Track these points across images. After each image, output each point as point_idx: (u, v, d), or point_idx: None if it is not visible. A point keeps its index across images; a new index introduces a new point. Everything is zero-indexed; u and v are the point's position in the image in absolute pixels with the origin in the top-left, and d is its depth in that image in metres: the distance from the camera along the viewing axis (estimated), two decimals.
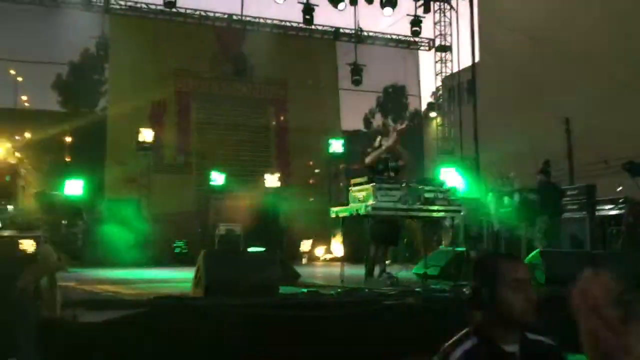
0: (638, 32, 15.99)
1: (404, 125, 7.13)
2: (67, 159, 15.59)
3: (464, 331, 2.09)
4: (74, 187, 13.06)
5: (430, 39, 18.95)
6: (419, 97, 20.47)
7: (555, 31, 18.27)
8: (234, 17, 17.13)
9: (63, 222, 10.08)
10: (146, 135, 14.42)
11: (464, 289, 4.18)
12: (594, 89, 16.78)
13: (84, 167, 14.12)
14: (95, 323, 3.59)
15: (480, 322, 2.06)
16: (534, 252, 5.96)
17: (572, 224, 10.83)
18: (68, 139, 15.63)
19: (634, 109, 15.72)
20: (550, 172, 10.64)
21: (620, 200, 10.82)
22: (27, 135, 14.80)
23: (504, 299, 2.01)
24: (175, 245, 13.20)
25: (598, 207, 10.94)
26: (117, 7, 16.15)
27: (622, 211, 10.58)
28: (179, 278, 7.18)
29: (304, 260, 14.34)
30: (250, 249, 9.29)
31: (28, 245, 9.40)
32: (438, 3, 18.50)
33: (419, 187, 6.24)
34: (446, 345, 2.05)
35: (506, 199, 11.42)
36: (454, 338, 2.07)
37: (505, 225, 10.95)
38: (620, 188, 12.05)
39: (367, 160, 6.97)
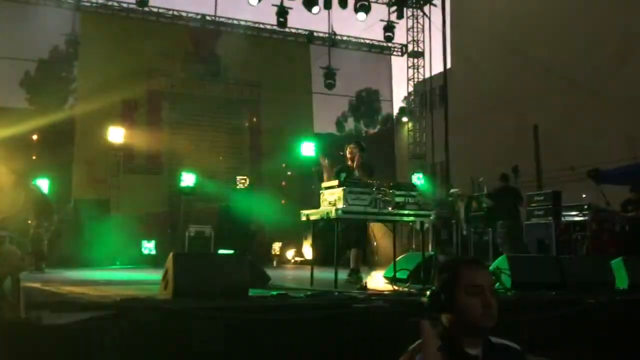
0: (605, 43, 16.38)
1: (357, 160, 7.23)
2: (34, 157, 15.29)
3: None
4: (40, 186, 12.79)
5: (403, 45, 19.13)
6: (391, 102, 20.61)
7: (526, 40, 18.62)
8: (208, 18, 17.04)
9: (29, 222, 9.88)
10: (116, 134, 14.24)
11: (426, 292, 4.22)
12: (562, 97, 17.15)
13: (51, 166, 13.87)
14: (60, 325, 3.52)
15: (445, 326, 2.10)
16: (501, 257, 6.06)
17: (538, 229, 11.04)
18: (35, 137, 15.33)
19: (600, 118, 16.10)
20: (508, 176, 10.87)
21: (585, 207, 11.07)
22: None
23: (461, 304, 2.05)
24: (144, 246, 13.05)
25: (564, 213, 11.16)
26: (88, 4, 15.92)
27: (587, 217, 10.82)
28: (147, 280, 7.11)
29: (275, 263, 14.32)
30: (220, 251, 9.25)
31: None
32: (411, 9, 18.70)
33: (390, 191, 6.29)
34: (411, 347, 2.08)
35: (475, 204, 11.62)
36: (419, 341, 2.11)
37: (474, 230, 11.13)
38: (585, 196, 12.35)
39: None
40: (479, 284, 2.07)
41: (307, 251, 14.57)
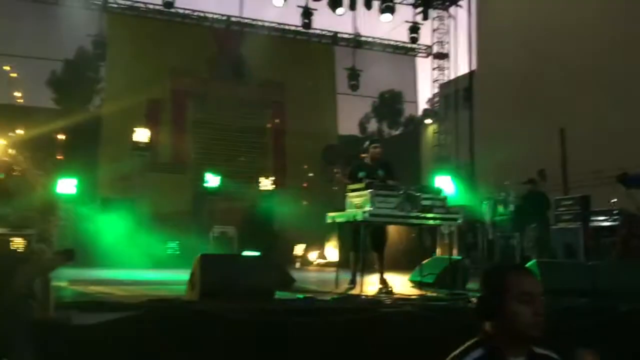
0: (634, 44, 16.06)
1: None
2: (60, 157, 15.47)
3: (472, 341, 2.08)
4: (67, 186, 12.95)
5: (428, 46, 18.99)
6: (416, 103, 20.49)
7: (553, 41, 18.33)
8: (233, 19, 17.11)
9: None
10: (141, 135, 14.33)
11: (472, 299, 4.16)
12: (590, 100, 16.84)
13: (77, 165, 14.02)
14: (89, 325, 3.53)
15: (489, 333, 2.05)
16: (530, 262, 5.94)
17: (566, 234, 10.86)
18: (61, 137, 15.52)
19: (628, 121, 15.78)
20: (537, 181, 10.70)
21: (615, 212, 10.85)
22: (20, 132, 14.68)
23: (512, 312, 1.99)
24: (168, 246, 13.10)
25: (592, 218, 10.95)
26: (115, 5, 16.10)
27: (616, 222, 10.60)
28: (172, 280, 7.12)
29: (297, 265, 14.29)
30: (244, 253, 9.24)
31: (19, 244, 9.32)
32: (437, 11, 18.55)
33: (417, 194, 6.21)
34: (453, 354, 2.04)
35: (501, 208, 11.46)
36: (461, 348, 2.06)
37: (500, 234, 10.97)
38: (615, 200, 12.10)
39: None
40: (531, 291, 2.02)
41: (330, 253, 14.51)
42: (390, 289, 6.38)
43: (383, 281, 6.68)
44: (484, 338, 2.04)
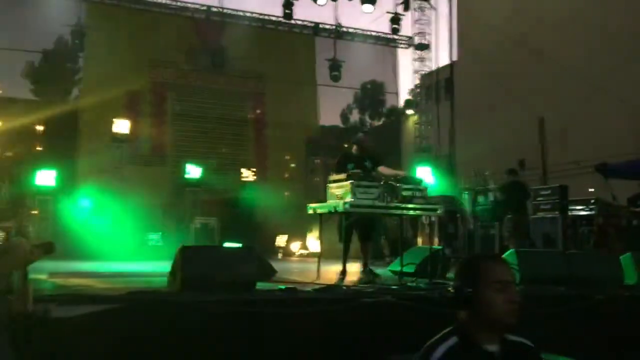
0: (612, 34, 16.27)
1: None
2: (39, 149, 15.30)
3: (446, 330, 2.11)
4: (46, 178, 12.82)
5: (409, 37, 19.03)
6: (397, 94, 20.55)
7: (533, 32, 18.49)
8: (213, 10, 16.98)
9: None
10: (121, 125, 14.20)
11: (448, 288, 4.21)
12: (569, 90, 17.04)
13: (56, 157, 13.87)
14: (68, 318, 3.51)
15: (463, 322, 2.08)
16: (508, 252, 6.01)
17: (544, 223, 10.99)
18: (40, 128, 15.33)
19: (607, 110, 16.01)
20: (517, 171, 10.82)
21: (592, 201, 11.01)
22: None
23: (486, 300, 2.03)
24: (149, 238, 13.05)
25: (570, 207, 11.10)
26: None
27: (593, 212, 10.77)
28: (153, 272, 7.09)
29: (279, 256, 14.32)
30: (226, 244, 9.24)
31: None
32: (418, 2, 18.59)
33: (397, 185, 6.25)
34: (428, 343, 2.07)
35: (481, 198, 11.57)
36: (436, 336, 2.09)
37: (480, 224, 11.09)
38: (592, 190, 12.29)
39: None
40: (504, 280, 2.05)
41: (312, 244, 14.56)
42: (373, 279, 6.43)
43: (367, 271, 6.73)
44: (458, 326, 2.08)
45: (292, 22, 17.38)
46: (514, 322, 2.04)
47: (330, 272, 6.77)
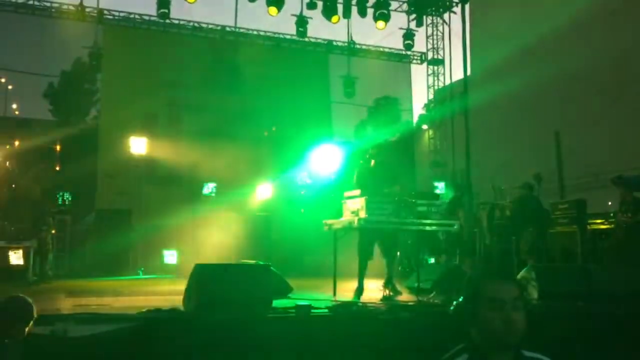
0: (627, 47, 16.15)
1: None
2: (57, 168, 15.48)
3: (458, 346, 2.08)
4: (64, 197, 12.96)
5: (422, 52, 19.06)
6: (411, 109, 20.54)
7: (547, 46, 18.43)
8: (228, 29, 17.15)
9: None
10: (138, 144, 14.32)
11: (451, 307, 4.17)
12: (584, 103, 16.92)
13: (74, 176, 14.02)
14: (85, 337, 3.53)
15: (474, 339, 2.06)
16: (527, 267, 5.95)
17: (562, 238, 10.84)
18: (58, 148, 15.53)
19: (622, 123, 15.85)
20: (532, 185, 10.71)
21: (611, 214, 10.85)
22: (17, 143, 14.70)
23: (483, 319, 1.99)
24: (165, 255, 13.10)
25: (589, 221, 10.95)
26: (111, 17, 16.12)
27: (612, 226, 10.60)
28: (169, 290, 7.12)
29: (295, 272, 14.24)
30: (242, 261, 9.25)
31: (18, 255, 9.34)
32: (431, 17, 18.63)
33: (412, 200, 6.23)
34: (443, 358, 2.04)
35: (497, 212, 11.46)
36: (448, 353, 2.07)
37: (497, 239, 10.97)
38: (610, 203, 12.12)
39: None
40: (500, 298, 2.00)
41: (327, 260, 14.48)
42: (394, 294, 6.39)
43: (390, 287, 6.67)
44: (470, 343, 2.06)
45: (306, 39, 17.50)
46: (513, 341, 1.99)
47: (346, 288, 6.74)
